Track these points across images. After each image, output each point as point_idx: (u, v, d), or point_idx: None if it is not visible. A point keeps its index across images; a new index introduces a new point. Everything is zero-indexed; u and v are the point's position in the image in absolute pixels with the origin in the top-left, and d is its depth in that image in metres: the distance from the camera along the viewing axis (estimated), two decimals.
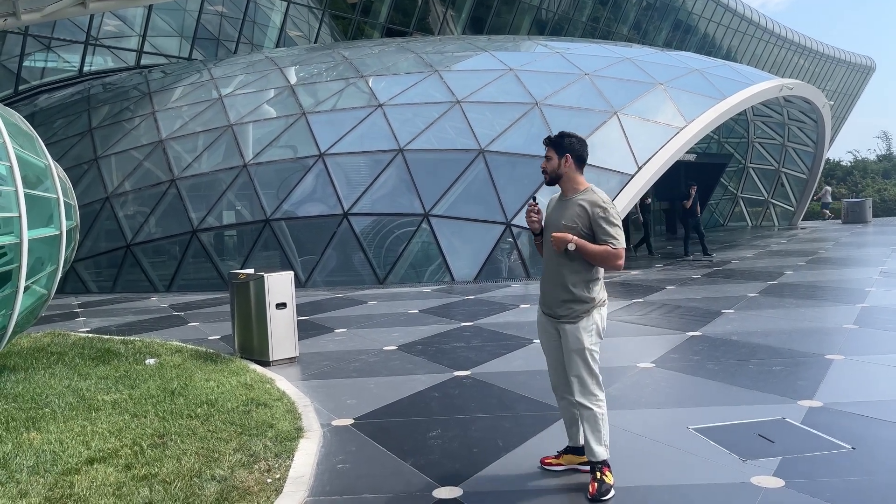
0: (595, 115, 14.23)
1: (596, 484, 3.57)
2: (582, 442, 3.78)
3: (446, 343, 7.44)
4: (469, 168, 13.52)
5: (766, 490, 3.50)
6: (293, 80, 16.76)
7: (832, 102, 26.15)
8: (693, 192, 16.16)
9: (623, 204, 13.21)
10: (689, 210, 16.20)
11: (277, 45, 25.66)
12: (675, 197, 24.26)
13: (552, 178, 3.77)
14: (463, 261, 13.04)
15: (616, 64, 16.21)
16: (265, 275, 6.80)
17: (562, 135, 3.74)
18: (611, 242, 3.60)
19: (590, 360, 3.68)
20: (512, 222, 12.91)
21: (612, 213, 3.64)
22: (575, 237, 3.58)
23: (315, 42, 26.59)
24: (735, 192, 25.70)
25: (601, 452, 3.65)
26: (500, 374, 6.07)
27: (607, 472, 3.62)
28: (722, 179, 24.98)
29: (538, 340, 7.12)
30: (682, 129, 14.03)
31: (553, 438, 4.39)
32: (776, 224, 24.72)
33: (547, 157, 3.77)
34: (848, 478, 3.60)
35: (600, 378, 3.76)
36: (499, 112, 14.46)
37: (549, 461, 3.93)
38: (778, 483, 3.56)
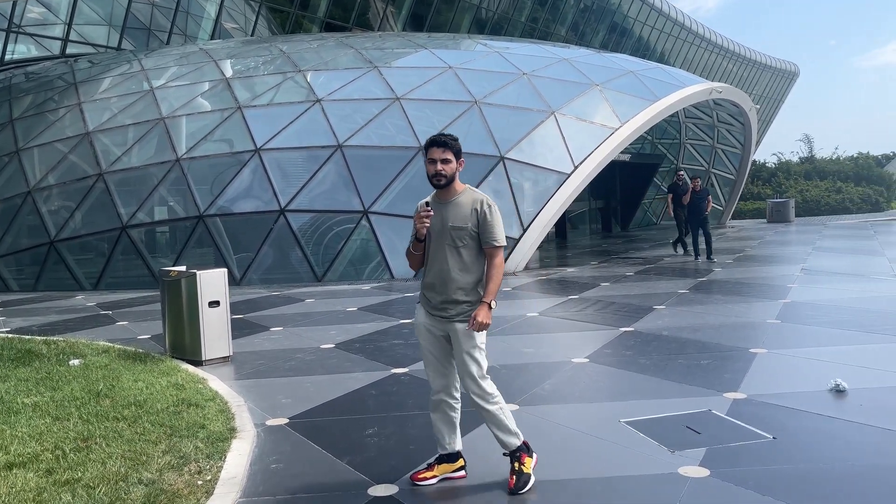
0: (533, 114, 14.42)
1: (514, 477, 3.59)
2: (457, 447, 3.79)
3: (384, 341, 7.41)
4: (409, 165, 13.49)
5: (692, 479, 3.62)
6: (229, 73, 16.39)
7: (758, 106, 27.19)
8: (696, 185, 13.89)
9: (560, 202, 13.46)
10: (692, 206, 13.83)
11: (212, 38, 25.03)
12: (609, 196, 24.87)
13: (448, 181, 3.63)
14: (403, 258, 12.83)
15: (554, 64, 16.46)
16: (197, 272, 6.63)
17: (451, 136, 3.66)
18: (494, 242, 3.64)
19: (481, 358, 3.68)
20: None
21: (496, 211, 3.68)
22: (487, 312, 3.62)
23: (252, 35, 26.06)
24: (667, 191, 26.43)
25: (513, 441, 3.66)
26: None
27: (525, 459, 3.65)
28: (655, 179, 25.67)
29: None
30: (616, 130, 14.35)
31: (483, 434, 4.43)
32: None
33: (445, 160, 3.58)
34: (770, 466, 3.74)
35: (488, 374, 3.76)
36: (438, 109, 14.49)
37: (421, 476, 3.73)
38: (704, 472, 3.68)
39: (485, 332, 3.70)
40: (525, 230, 13.19)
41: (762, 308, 8.35)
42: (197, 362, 6.58)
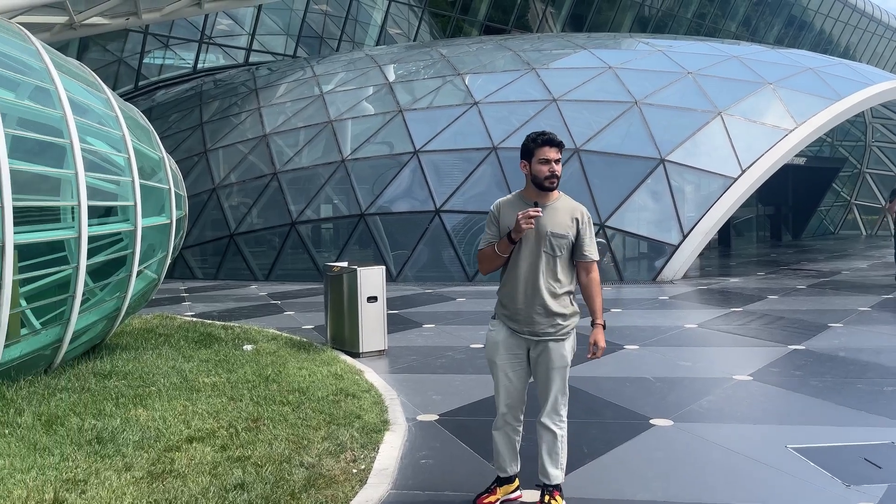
0: (697, 115, 13.74)
1: None
2: (513, 471, 3.58)
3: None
4: (564, 167, 13.32)
5: None
6: (391, 77, 17.06)
7: None
8: None
9: (725, 208, 12.75)
10: None
11: (378, 43, 26.21)
12: (780, 202, 23.17)
13: (557, 184, 3.46)
14: None
15: (722, 62, 15.57)
16: (358, 268, 6.96)
17: (557, 135, 3.47)
18: (593, 256, 3.46)
19: (567, 376, 3.48)
20: (606, 223, 12.67)
21: (592, 222, 3.52)
22: (603, 334, 3.52)
23: (415, 40, 26.97)
24: (848, 198, 24.20)
25: (558, 475, 3.45)
26: (588, 379, 5.96)
27: (557, 497, 3.42)
28: (834, 185, 23.58)
29: (629, 346, 7.02)
30: (791, 132, 13.33)
31: (635, 449, 4.29)
32: (894, 234, 23.08)
33: (558, 160, 3.42)
34: None
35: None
36: (596, 111, 14.21)
37: (485, 500, 3.55)
38: None
39: (573, 351, 3.51)
40: (685, 237, 12.61)
41: None
42: (354, 354, 6.92)
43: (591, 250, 3.48)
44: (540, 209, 3.32)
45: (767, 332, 7.70)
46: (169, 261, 6.74)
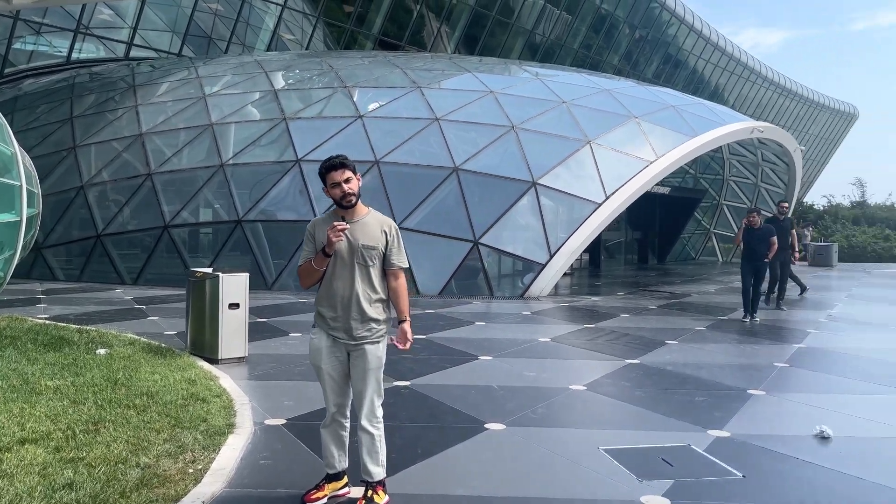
0: (569, 142, 14.60)
1: (364, 502, 3.66)
2: (342, 466, 3.85)
3: (394, 354, 7.64)
4: (442, 185, 13.80)
5: None
6: (279, 84, 17.01)
7: (804, 147, 26.81)
8: (755, 221, 11.06)
9: (590, 230, 13.57)
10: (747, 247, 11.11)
11: (269, 48, 25.92)
12: (648, 228, 24.79)
13: (357, 199, 3.73)
14: (428, 275, 13.28)
15: (594, 94, 16.63)
16: (221, 274, 7.00)
17: (343, 156, 3.72)
18: (401, 264, 3.80)
19: (381, 378, 3.78)
20: (480, 241, 13.19)
21: (400, 234, 3.84)
22: (410, 329, 3.84)
23: (307, 48, 26.88)
24: (708, 227, 26.20)
25: (379, 472, 3.71)
26: (438, 386, 6.30)
27: (380, 491, 3.70)
28: (696, 214, 25.48)
29: (484, 357, 7.44)
30: (651, 163, 14.43)
31: (465, 450, 4.64)
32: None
33: (347, 180, 3.66)
34: (728, 501, 3.86)
35: None
36: (476, 132, 14.79)
37: (313, 496, 3.76)
38: (664, 502, 3.82)
39: (385, 355, 3.80)
40: (552, 256, 13.32)
41: (774, 351, 8.34)
42: (213, 360, 6.93)
43: (400, 259, 3.81)
44: (346, 224, 3.60)
45: (610, 347, 8.36)
46: (17, 260, 6.52)
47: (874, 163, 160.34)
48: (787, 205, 13.16)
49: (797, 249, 12.87)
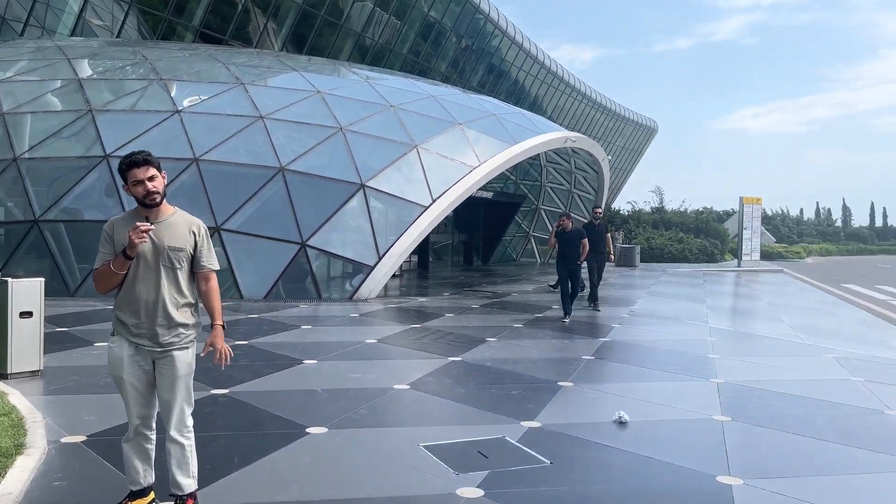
0: (396, 146, 14.78)
1: None
2: (147, 482, 3.61)
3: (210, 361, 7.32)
4: (267, 185, 13.41)
5: (466, 500, 3.91)
6: (85, 73, 15.63)
7: (610, 157, 29.20)
8: (566, 224, 11.47)
9: (417, 233, 13.81)
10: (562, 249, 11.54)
11: (74, 33, 23.74)
12: (472, 231, 25.72)
13: (162, 198, 3.51)
14: (253, 278, 12.85)
15: (421, 100, 16.98)
16: (9, 280, 6.30)
17: (147, 152, 3.49)
18: (212, 266, 3.64)
19: (191, 385, 3.63)
20: (308, 243, 12.97)
21: (209, 235, 3.69)
22: (223, 334, 3.68)
23: (118, 35, 24.94)
24: (528, 230, 27.69)
25: (190, 484, 3.57)
26: (259, 392, 6.12)
27: None
28: (517, 217, 26.84)
29: (309, 361, 7.32)
30: (475, 169, 14.99)
31: (285, 456, 4.55)
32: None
33: (151, 178, 3.43)
34: (538, 488, 4.11)
35: None
36: (303, 132, 14.53)
37: None
38: (478, 493, 3.99)
39: (195, 362, 3.63)
40: (381, 258, 13.41)
41: (582, 345, 9.00)
42: (2, 375, 6.23)
43: (210, 261, 3.64)
44: (150, 224, 3.38)
45: (435, 346, 8.58)
46: None
47: (670, 172, 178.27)
48: (600, 210, 14.09)
49: (612, 252, 13.73)
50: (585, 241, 11.69)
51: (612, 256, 13.67)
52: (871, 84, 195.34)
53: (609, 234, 13.95)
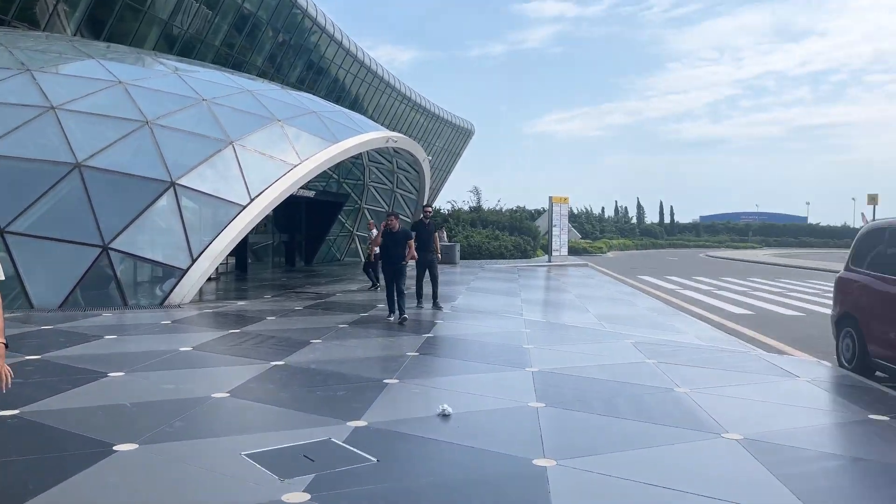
0: (210, 142, 14.07)
1: None
2: None
3: None
4: (61, 182, 12.19)
5: None
6: None
7: (430, 158, 29.95)
8: (393, 224, 11.30)
9: (235, 233, 13.25)
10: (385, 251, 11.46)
11: None
12: (294, 231, 25.18)
13: None
14: (45, 286, 11.62)
15: (236, 94, 16.30)
16: None
17: None
18: None
19: None
20: (110, 246, 11.97)
21: None
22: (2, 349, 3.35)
23: None
24: (351, 229, 27.60)
25: None
26: (56, 411, 5.54)
27: None
28: (340, 217, 26.65)
29: (114, 374, 6.74)
30: (295, 167, 14.66)
31: (88, 478, 4.17)
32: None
33: None
34: (366, 486, 4.11)
35: None
36: (102, 125, 13.36)
37: None
38: (304, 497, 3.90)
39: None
40: (195, 260, 12.70)
41: (407, 342, 9.13)
42: None
43: None
44: None
45: (256, 351, 8.27)
46: None
47: (487, 173, 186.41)
48: (430, 209, 14.08)
49: (439, 251, 13.90)
50: (412, 241, 11.66)
51: (439, 255, 13.91)
52: (659, 94, 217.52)
53: (437, 234, 13.99)
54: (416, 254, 12.11)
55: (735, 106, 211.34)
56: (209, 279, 14.57)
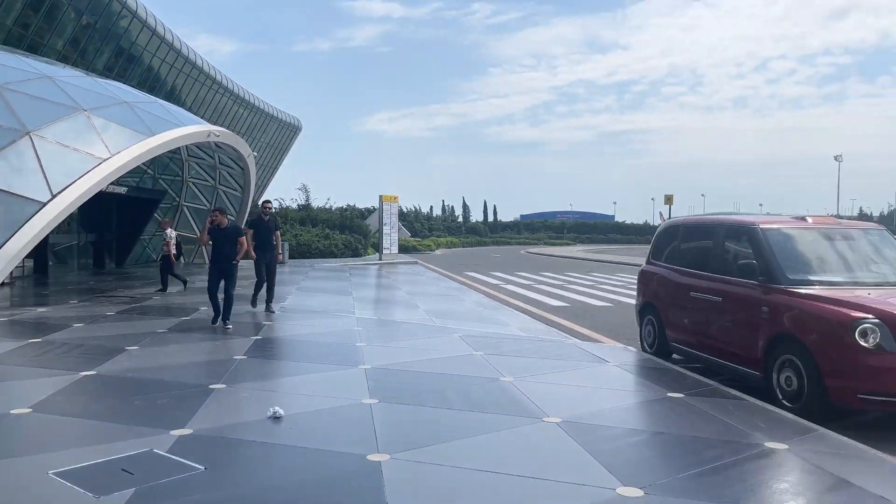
0: (2, 131, 12.63)
1: None
2: None
3: None
4: None
5: None
6: None
7: (256, 153, 28.99)
8: (219, 220, 10.53)
9: (34, 233, 12.03)
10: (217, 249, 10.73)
11: None
12: (103, 230, 23.27)
13: None
14: None
15: (34, 80, 14.77)
16: None
17: None
18: None
19: None
20: None
21: None
22: None
23: None
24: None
25: None
26: None
27: None
28: (156, 215, 24.98)
29: None
30: (105, 161, 13.59)
31: None
32: (207, 261, 25.87)
33: None
34: (192, 496, 3.92)
35: None
36: None
37: None
38: None
39: None
40: None
41: (234, 345, 8.79)
42: None
43: None
44: None
45: (62, 361, 7.57)
46: None
47: (316, 170, 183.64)
48: (270, 205, 12.83)
49: (280, 251, 12.99)
50: (243, 238, 10.68)
51: (280, 255, 12.88)
52: (482, 98, 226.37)
53: (278, 232, 12.81)
54: (254, 253, 11.63)
55: (551, 111, 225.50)
56: (2, 284, 13.10)
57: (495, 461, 4.59)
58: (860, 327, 5.92)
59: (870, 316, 5.96)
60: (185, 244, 26.34)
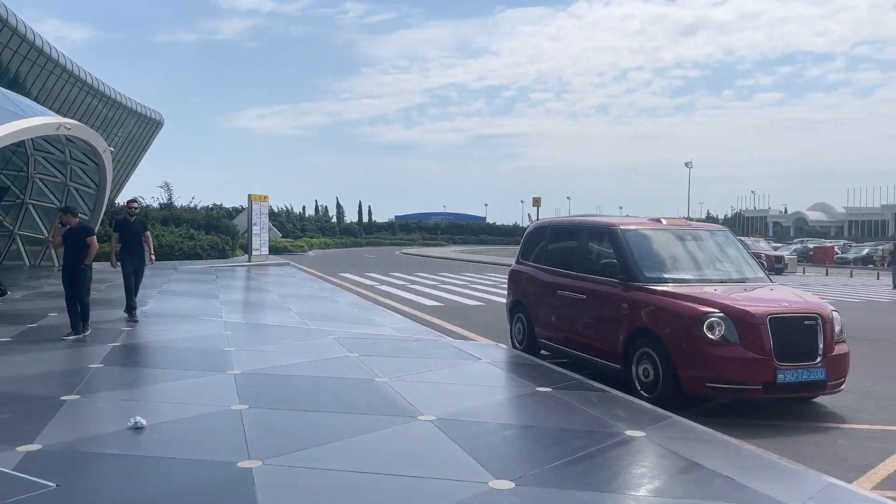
0: None
1: None
2: None
3: None
4: None
5: None
6: None
7: (113, 149, 27.26)
8: (69, 220, 9.80)
9: None
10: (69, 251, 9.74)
11: None
12: None
13: None
14: None
15: None
16: None
17: None
18: None
19: None
20: None
21: None
22: None
23: None
24: (12, 228, 23.84)
25: None
26: None
27: None
28: None
29: None
30: None
31: None
32: (57, 264, 23.97)
33: None
34: None
35: None
36: None
37: None
38: None
39: None
40: None
41: (89, 353, 8.21)
42: None
43: None
44: None
45: None
46: None
47: (180, 167, 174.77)
48: (136, 204, 12.09)
49: (152, 252, 12.20)
50: (92, 239, 9.77)
51: (153, 257, 12.14)
52: (356, 97, 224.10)
53: (148, 233, 11.84)
54: (115, 259, 10.86)
55: (424, 113, 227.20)
56: None
57: (370, 462, 4.58)
58: (707, 321, 6.43)
59: (715, 310, 6.49)
60: (32, 245, 24.33)
